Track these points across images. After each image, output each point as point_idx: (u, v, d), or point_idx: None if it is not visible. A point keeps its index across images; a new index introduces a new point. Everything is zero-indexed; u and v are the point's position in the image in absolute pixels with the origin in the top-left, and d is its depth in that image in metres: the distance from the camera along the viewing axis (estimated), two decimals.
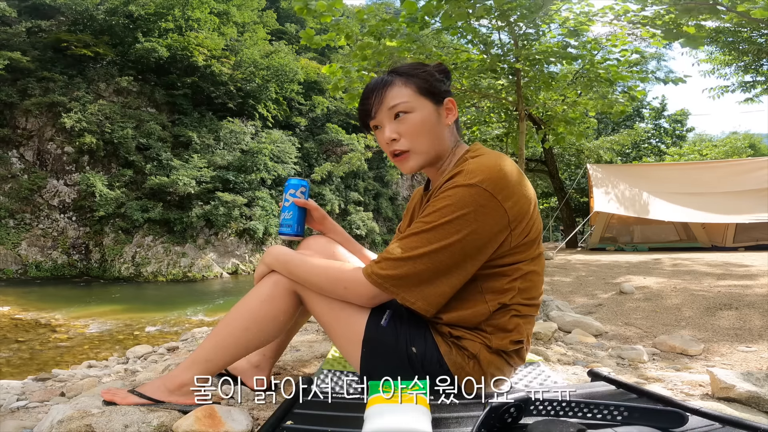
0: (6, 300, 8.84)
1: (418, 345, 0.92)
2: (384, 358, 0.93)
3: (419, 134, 0.97)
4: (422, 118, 0.97)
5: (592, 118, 7.52)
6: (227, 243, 15.36)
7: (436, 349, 0.92)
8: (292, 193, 1.23)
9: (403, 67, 1.02)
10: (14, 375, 3.74)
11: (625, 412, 0.44)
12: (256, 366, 1.28)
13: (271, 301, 1.03)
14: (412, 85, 0.98)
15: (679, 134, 20.53)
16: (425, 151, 0.98)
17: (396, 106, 0.96)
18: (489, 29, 4.80)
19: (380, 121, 1.00)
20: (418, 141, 0.97)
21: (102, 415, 0.96)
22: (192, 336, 3.43)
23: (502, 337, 0.92)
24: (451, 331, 0.93)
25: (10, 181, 13.90)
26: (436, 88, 0.99)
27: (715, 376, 1.25)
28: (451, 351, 0.91)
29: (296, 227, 1.22)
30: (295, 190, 1.24)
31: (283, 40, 22.03)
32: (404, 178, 23.97)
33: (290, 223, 1.21)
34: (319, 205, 1.25)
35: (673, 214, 7.33)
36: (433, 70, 1.00)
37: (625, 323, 2.41)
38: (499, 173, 0.86)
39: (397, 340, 0.93)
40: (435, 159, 1.00)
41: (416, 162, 0.99)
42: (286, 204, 1.22)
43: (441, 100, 0.99)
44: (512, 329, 0.93)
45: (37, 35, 15.52)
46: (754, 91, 9.12)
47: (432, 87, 0.99)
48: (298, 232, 1.22)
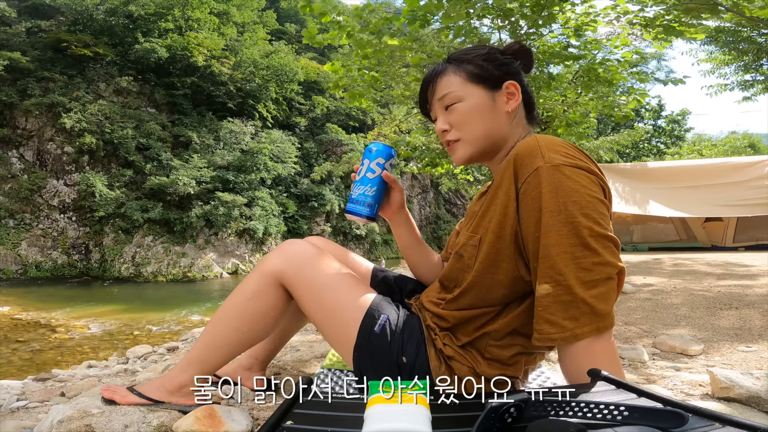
0: (6, 300, 8.84)
1: (409, 355, 0.88)
2: (374, 364, 0.90)
3: (467, 123, 0.90)
4: (470, 107, 0.89)
5: (593, 118, 7.51)
6: (227, 243, 15.35)
7: (426, 362, 0.87)
8: (380, 163, 0.96)
9: (459, 52, 0.95)
10: (14, 375, 3.74)
11: (625, 412, 0.44)
12: (247, 369, 1.27)
13: (257, 297, 0.98)
14: (462, 72, 0.91)
15: (678, 134, 20.55)
16: (474, 140, 0.90)
17: (445, 97, 0.91)
18: (490, 28, 4.80)
19: (435, 113, 0.96)
20: (466, 130, 0.90)
21: (102, 415, 0.96)
22: (192, 336, 3.43)
23: (495, 367, 0.86)
24: (444, 349, 0.87)
25: (10, 181, 13.90)
26: (491, 72, 0.90)
27: (715, 376, 1.25)
28: (440, 367, 0.87)
29: (376, 208, 0.98)
30: (385, 160, 0.97)
31: (283, 40, 22.05)
32: (404, 178, 23.92)
33: (371, 201, 0.96)
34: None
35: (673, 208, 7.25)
36: (494, 52, 0.92)
37: (625, 323, 2.41)
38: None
39: (389, 347, 0.89)
40: (490, 149, 0.91)
41: (464, 152, 0.91)
42: (370, 175, 0.96)
43: (498, 85, 0.90)
44: (509, 364, 0.86)
45: (36, 35, 15.53)
46: (752, 90, 9.12)
47: (485, 72, 0.90)
48: (376, 214, 0.99)
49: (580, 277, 0.69)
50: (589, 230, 0.70)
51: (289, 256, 0.97)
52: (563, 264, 0.70)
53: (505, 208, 0.78)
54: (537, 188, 0.73)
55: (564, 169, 0.72)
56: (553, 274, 0.71)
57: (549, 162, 0.73)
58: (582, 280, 0.69)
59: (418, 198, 24.69)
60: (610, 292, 0.71)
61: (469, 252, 0.84)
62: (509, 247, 0.79)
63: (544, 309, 0.72)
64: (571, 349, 0.71)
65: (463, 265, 0.86)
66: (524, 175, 0.75)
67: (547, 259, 0.72)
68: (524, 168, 0.75)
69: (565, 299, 0.70)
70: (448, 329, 0.90)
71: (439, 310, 0.91)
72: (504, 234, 0.79)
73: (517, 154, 0.77)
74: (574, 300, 0.69)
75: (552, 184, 0.72)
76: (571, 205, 0.71)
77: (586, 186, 0.72)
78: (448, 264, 0.93)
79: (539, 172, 0.73)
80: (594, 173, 0.75)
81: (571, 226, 0.70)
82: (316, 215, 19.08)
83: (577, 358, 0.71)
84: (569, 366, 0.73)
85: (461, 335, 0.88)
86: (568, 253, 0.70)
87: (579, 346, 0.71)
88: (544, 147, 0.75)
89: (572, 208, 0.71)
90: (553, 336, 0.71)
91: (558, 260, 0.70)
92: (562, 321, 0.70)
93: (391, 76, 4.80)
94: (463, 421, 0.52)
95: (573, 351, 0.71)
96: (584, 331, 0.69)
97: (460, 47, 5.72)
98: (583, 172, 0.73)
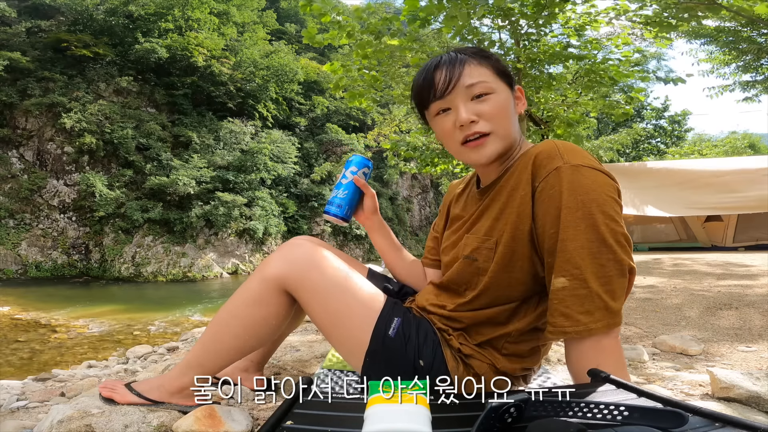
0: (6, 300, 8.83)
1: (426, 358, 0.87)
2: (389, 368, 0.87)
3: (502, 117, 0.84)
4: (503, 101, 0.85)
5: (593, 118, 7.51)
6: (227, 243, 15.35)
7: (443, 363, 0.87)
8: (353, 171, 1.06)
9: (468, 48, 0.89)
10: (14, 375, 3.74)
11: (625, 412, 0.44)
12: (244, 370, 1.26)
13: (258, 304, 0.94)
14: (487, 64, 0.86)
15: (678, 134, 20.56)
16: (506, 136, 0.85)
17: (475, 86, 0.83)
18: (490, 28, 4.80)
19: (452, 102, 0.85)
20: (501, 124, 0.84)
21: (102, 415, 0.96)
22: (192, 336, 3.43)
23: (514, 361, 0.87)
24: (461, 348, 0.87)
25: (10, 181, 13.90)
26: (509, 73, 0.89)
27: (715, 376, 1.25)
28: (458, 367, 0.87)
29: (346, 210, 1.05)
30: (358, 168, 1.06)
31: (283, 40, 22.03)
32: (404, 178, 23.90)
33: (341, 203, 1.04)
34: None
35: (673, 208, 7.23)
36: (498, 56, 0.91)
37: (625, 323, 2.41)
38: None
39: (405, 350, 0.87)
40: (508, 149, 0.87)
41: (495, 147, 0.84)
42: (344, 181, 1.05)
43: (513, 87, 0.89)
44: (527, 356, 0.88)
45: (36, 35, 15.52)
46: (753, 90, 9.11)
47: (506, 69, 0.88)
48: (347, 215, 1.06)
49: (595, 272, 0.71)
50: (607, 227, 0.72)
51: (292, 259, 0.94)
52: (580, 258, 0.71)
53: (521, 208, 0.79)
54: (556, 186, 0.74)
55: (582, 170, 0.74)
56: (570, 268, 0.72)
57: (568, 162, 0.75)
58: (597, 275, 0.71)
59: (418, 198, 24.67)
60: (622, 289, 0.73)
61: (485, 255, 0.84)
62: (525, 246, 0.80)
63: (560, 302, 0.73)
64: (580, 344, 0.73)
65: (477, 268, 0.86)
66: (543, 175, 0.76)
67: (564, 253, 0.72)
68: (543, 168, 0.77)
69: (581, 293, 0.71)
70: (462, 329, 0.90)
71: (450, 313, 0.90)
72: (519, 234, 0.80)
73: (536, 156, 0.79)
74: (590, 294, 0.71)
75: (571, 183, 0.73)
76: (589, 203, 0.72)
77: (603, 185, 0.74)
78: (454, 269, 0.92)
79: (559, 172, 0.74)
80: (608, 174, 0.77)
81: (589, 222, 0.72)
82: (316, 215, 19.07)
83: (585, 354, 0.72)
84: (577, 361, 0.74)
85: (477, 335, 0.88)
86: (585, 248, 0.71)
87: (589, 342, 0.72)
88: (563, 150, 0.77)
89: (590, 205, 0.72)
90: (567, 329, 0.72)
91: (575, 254, 0.71)
92: (577, 315, 0.71)
93: (391, 76, 4.80)
94: (463, 421, 0.52)
95: (583, 347, 0.72)
96: (597, 326, 0.70)
97: (460, 47, 5.71)
98: (600, 173, 0.75)
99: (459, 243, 0.92)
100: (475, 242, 0.86)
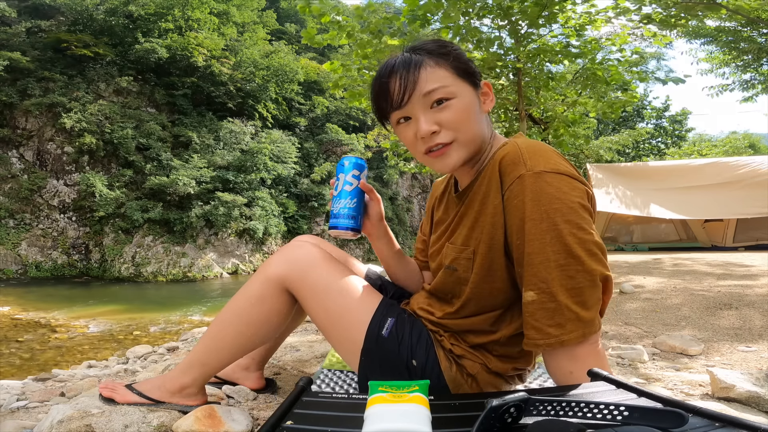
0: (6, 300, 8.84)
1: (419, 358, 0.87)
2: (383, 368, 0.88)
3: (464, 122, 0.79)
4: (465, 105, 0.79)
5: (593, 118, 7.51)
6: (227, 243, 15.35)
7: (436, 364, 0.87)
8: (355, 175, 0.94)
9: (425, 44, 0.82)
10: (14, 375, 3.74)
11: (625, 412, 0.44)
12: (245, 369, 1.27)
13: (261, 302, 0.95)
14: (446, 65, 0.80)
15: (679, 134, 20.56)
16: (470, 141, 0.81)
17: (433, 92, 0.78)
18: (490, 28, 4.80)
19: (411, 111, 0.80)
20: (463, 130, 0.79)
21: (102, 415, 0.96)
22: (192, 336, 3.43)
23: (506, 362, 0.87)
24: (453, 349, 0.88)
25: (10, 181, 13.90)
26: (473, 69, 0.82)
27: (715, 376, 1.25)
28: (451, 368, 0.87)
29: (360, 219, 0.95)
30: (359, 172, 0.94)
31: (283, 40, 22.05)
32: (404, 178, 23.92)
33: (353, 213, 0.93)
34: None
35: (673, 210, 7.25)
36: (460, 49, 0.83)
37: (625, 323, 2.41)
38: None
39: (399, 350, 0.88)
40: (476, 153, 0.83)
41: (459, 155, 0.80)
42: (348, 188, 0.93)
43: (478, 84, 0.83)
44: (519, 357, 0.88)
45: (36, 35, 15.53)
46: (753, 90, 9.12)
47: (468, 67, 0.82)
48: (361, 225, 0.97)
49: (564, 285, 0.70)
50: (574, 237, 0.70)
51: (292, 259, 0.95)
52: (546, 272, 0.70)
53: (494, 217, 0.78)
54: (519, 196, 0.73)
55: (546, 177, 0.72)
56: (537, 282, 0.71)
57: (531, 169, 0.72)
58: (566, 288, 0.70)
59: (418, 198, 24.68)
60: (594, 298, 0.71)
61: (464, 265, 0.83)
62: (502, 257, 0.79)
63: (530, 315, 0.72)
64: (554, 354, 0.72)
65: (458, 278, 0.85)
66: (508, 183, 0.75)
67: (531, 267, 0.72)
68: (508, 176, 0.75)
69: (550, 306, 0.70)
70: (455, 332, 0.90)
71: (439, 320, 0.91)
72: (495, 244, 0.79)
73: (500, 162, 0.77)
74: (558, 307, 0.70)
75: (534, 192, 0.71)
76: (553, 213, 0.70)
77: (568, 192, 0.72)
78: (438, 278, 0.92)
79: (522, 180, 0.72)
80: (575, 177, 0.74)
81: (554, 234, 0.70)
82: (316, 215, 19.07)
83: (560, 363, 0.72)
84: (553, 371, 0.75)
85: (468, 339, 0.89)
86: (552, 261, 0.70)
87: (562, 351, 0.71)
88: (526, 154, 0.74)
89: (555, 216, 0.70)
90: (538, 342, 0.72)
91: (541, 268, 0.70)
92: (547, 328, 0.70)
93: None
94: (463, 421, 0.52)
95: (557, 356, 0.72)
96: (570, 337, 0.69)
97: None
98: (565, 177, 0.73)
99: (441, 251, 0.92)
100: (454, 252, 0.85)
